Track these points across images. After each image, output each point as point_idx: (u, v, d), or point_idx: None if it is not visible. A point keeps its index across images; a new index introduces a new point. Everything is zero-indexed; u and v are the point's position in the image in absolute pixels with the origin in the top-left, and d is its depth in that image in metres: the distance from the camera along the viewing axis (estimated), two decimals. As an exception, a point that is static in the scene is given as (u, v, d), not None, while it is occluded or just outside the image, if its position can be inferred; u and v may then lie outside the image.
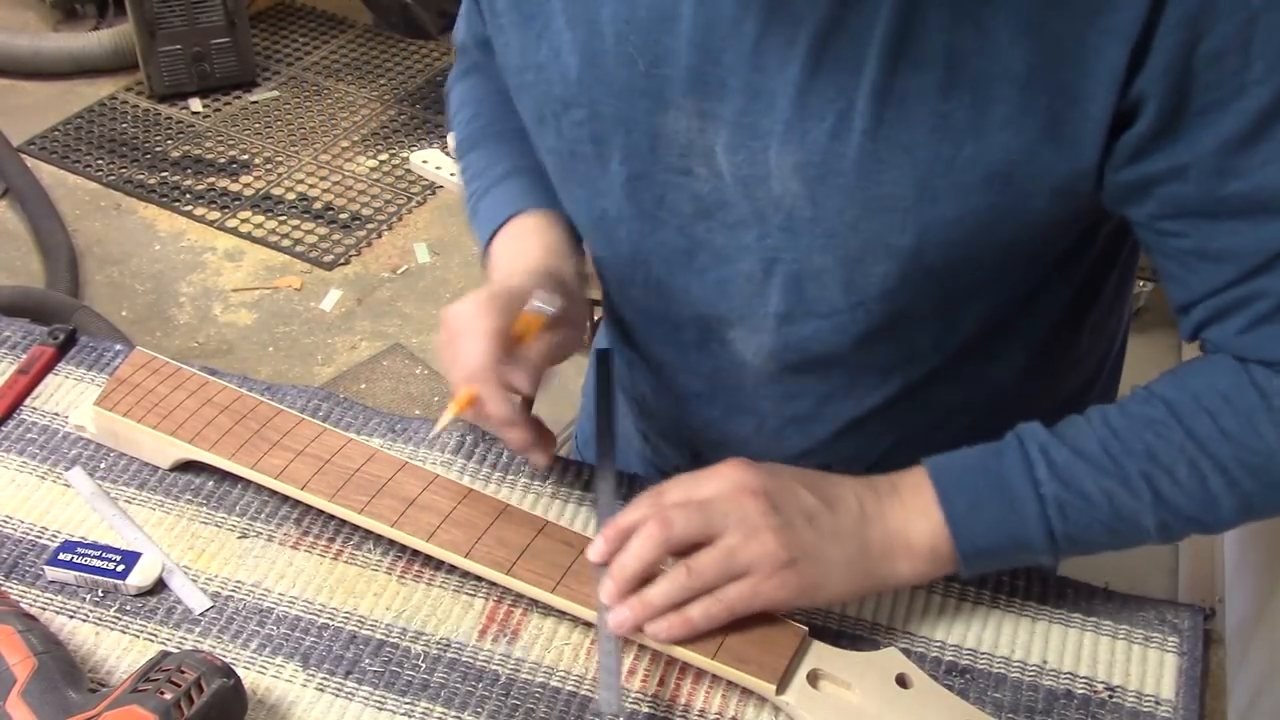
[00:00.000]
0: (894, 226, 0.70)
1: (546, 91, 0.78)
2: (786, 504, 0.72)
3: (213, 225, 2.61)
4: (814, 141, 0.69)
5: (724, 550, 0.71)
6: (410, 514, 0.78)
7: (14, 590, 0.78)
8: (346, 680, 0.73)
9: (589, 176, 0.79)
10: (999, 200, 0.68)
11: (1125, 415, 0.72)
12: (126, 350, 0.93)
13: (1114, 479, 0.70)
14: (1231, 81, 0.62)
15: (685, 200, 0.76)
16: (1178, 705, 0.73)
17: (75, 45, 2.96)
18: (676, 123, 0.73)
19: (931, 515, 0.72)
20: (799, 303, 0.77)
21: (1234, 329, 0.70)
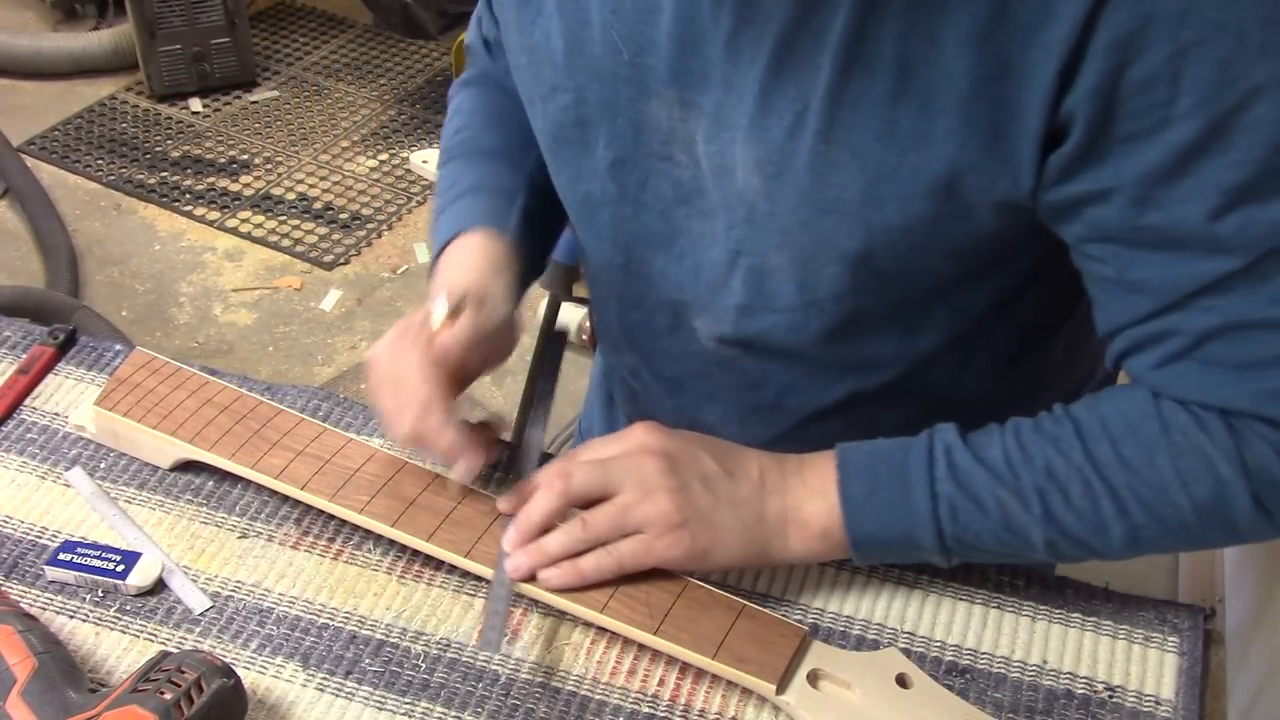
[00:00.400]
0: (842, 229, 0.71)
1: (537, 74, 0.79)
2: (686, 467, 0.75)
3: (213, 225, 2.61)
4: (772, 139, 0.70)
5: (619, 506, 0.74)
6: (410, 514, 0.78)
7: (14, 590, 0.78)
8: (346, 680, 0.73)
9: (574, 159, 0.81)
10: (943, 210, 0.68)
11: (1036, 430, 0.72)
12: (126, 350, 0.93)
13: (1008, 489, 0.71)
14: (1158, 112, 0.61)
15: (666, 186, 0.78)
16: (1178, 705, 0.73)
17: (75, 45, 2.96)
18: (659, 111, 0.75)
19: (828, 496, 0.74)
20: (757, 296, 0.78)
21: (1149, 362, 0.70)
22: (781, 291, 0.77)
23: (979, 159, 0.66)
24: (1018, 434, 0.72)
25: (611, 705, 0.73)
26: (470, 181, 0.91)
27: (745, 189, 0.73)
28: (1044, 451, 0.71)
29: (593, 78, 0.76)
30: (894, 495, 0.73)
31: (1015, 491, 0.71)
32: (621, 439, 0.77)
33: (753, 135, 0.70)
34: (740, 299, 0.79)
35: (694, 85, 0.72)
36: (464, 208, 0.88)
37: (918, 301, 0.77)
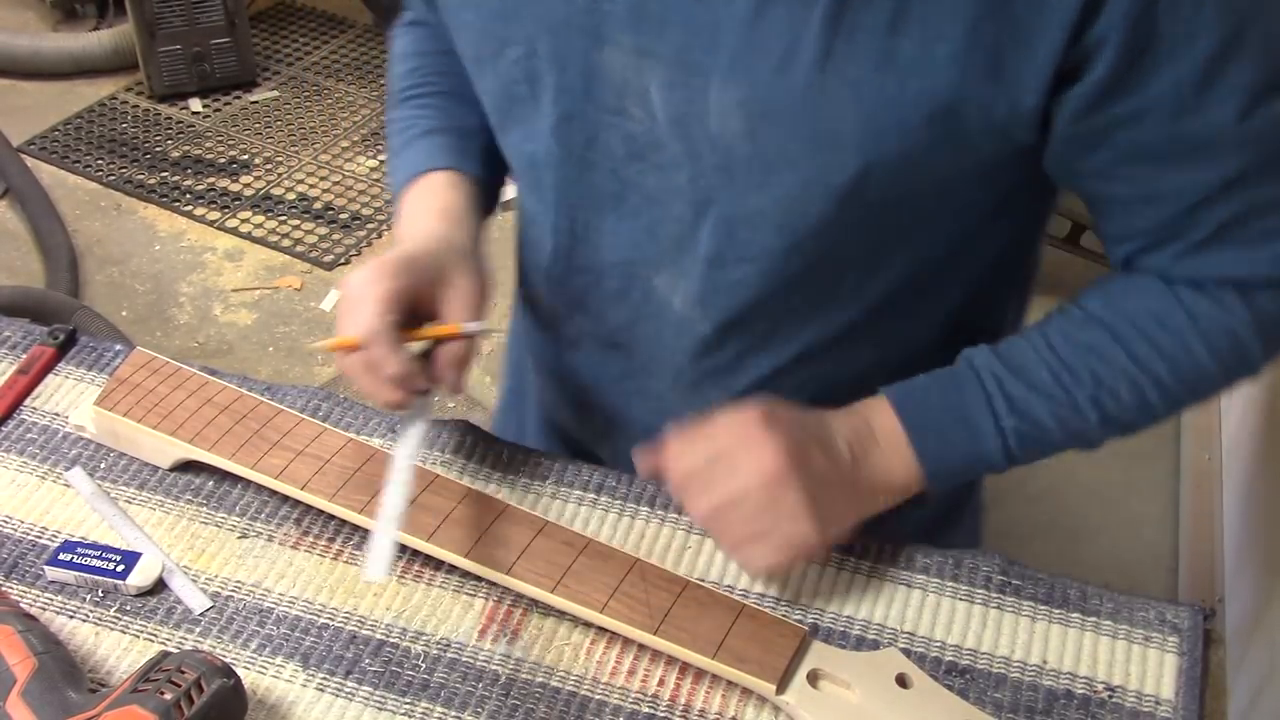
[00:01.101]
0: (835, 165, 0.71)
1: (484, 29, 0.78)
2: (806, 464, 0.75)
3: (213, 225, 2.61)
4: (759, 76, 0.69)
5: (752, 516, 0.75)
6: (410, 514, 0.78)
7: (14, 590, 0.78)
8: (346, 680, 0.73)
9: (523, 116, 0.80)
10: (940, 138, 0.69)
11: (1069, 342, 0.77)
12: (126, 350, 0.93)
13: (1066, 407, 0.76)
14: (1187, 26, 0.64)
15: (617, 141, 0.77)
16: (1178, 705, 0.73)
17: (75, 45, 2.96)
18: (613, 60, 0.73)
19: (906, 456, 0.78)
20: (729, 246, 0.77)
21: (1168, 255, 0.75)
22: (757, 239, 0.76)
23: (979, 85, 0.66)
24: (1053, 348, 0.77)
25: (611, 705, 0.73)
26: (431, 123, 0.91)
27: (720, 134, 0.72)
28: (1087, 362, 0.76)
29: (544, 28, 0.75)
30: (965, 439, 0.77)
31: (1072, 406, 0.76)
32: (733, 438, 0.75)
33: (734, 75, 0.69)
34: (709, 250, 0.78)
35: (651, 31, 0.71)
36: (425, 148, 0.89)
37: (889, 238, 0.77)
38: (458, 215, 0.85)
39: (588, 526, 0.83)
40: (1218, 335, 0.75)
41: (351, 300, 0.77)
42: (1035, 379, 0.76)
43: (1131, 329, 0.76)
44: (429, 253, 0.79)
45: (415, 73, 0.95)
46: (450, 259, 0.80)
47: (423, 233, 0.83)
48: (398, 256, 0.78)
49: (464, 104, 0.91)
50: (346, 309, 0.77)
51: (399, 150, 0.91)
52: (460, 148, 0.89)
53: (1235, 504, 1.81)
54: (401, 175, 0.89)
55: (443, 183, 0.86)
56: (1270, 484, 1.63)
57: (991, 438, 0.77)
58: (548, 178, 0.81)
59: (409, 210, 0.86)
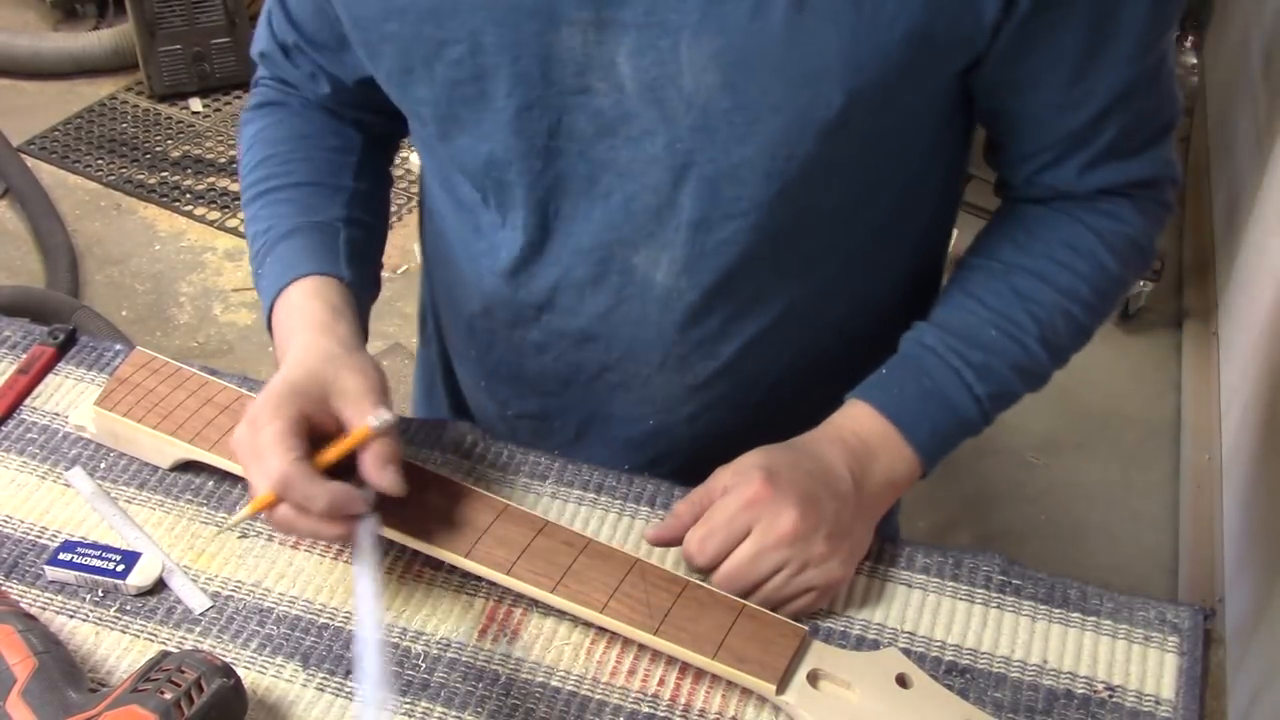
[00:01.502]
0: (821, 100, 0.71)
1: (414, 35, 0.75)
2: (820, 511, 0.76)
3: (213, 225, 2.61)
4: (734, 24, 0.69)
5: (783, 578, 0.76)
6: (410, 514, 0.77)
7: (14, 590, 0.78)
8: (347, 680, 0.73)
9: (473, 119, 0.77)
10: (917, 59, 0.71)
11: (999, 295, 0.81)
12: (126, 350, 0.93)
13: (1021, 355, 0.81)
14: None
15: (584, 121, 0.76)
16: (1178, 705, 0.73)
17: (75, 45, 2.96)
18: (571, 39, 0.72)
19: (904, 453, 0.80)
20: (714, 205, 0.77)
21: (1072, 170, 0.80)
22: (744, 192, 0.76)
23: (950, 7, 0.69)
24: (988, 306, 0.81)
25: (611, 705, 0.73)
26: (289, 222, 0.86)
27: (696, 91, 0.72)
28: (1025, 307, 0.81)
29: (488, 20, 0.72)
30: (949, 420, 0.81)
31: (1025, 353, 0.81)
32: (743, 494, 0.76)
33: (707, 27, 0.69)
34: (693, 215, 0.78)
35: (612, 1, 0.70)
36: (289, 252, 0.84)
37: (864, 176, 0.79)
38: (327, 323, 0.80)
39: (588, 526, 0.83)
40: (1122, 245, 0.82)
41: (249, 453, 0.72)
42: (987, 340, 0.80)
43: (1051, 264, 0.81)
44: (309, 371, 0.75)
45: (268, 163, 0.90)
46: (331, 369, 0.75)
47: (298, 353, 0.78)
48: (278, 389, 0.73)
49: (322, 195, 0.88)
50: (248, 463, 0.72)
51: (259, 259, 0.86)
52: (322, 248, 0.85)
53: (1235, 504, 1.81)
54: (268, 292, 0.84)
55: (309, 292, 0.82)
56: (1270, 484, 1.63)
57: (970, 407, 0.81)
58: (509, 175, 0.79)
59: (280, 332, 0.82)
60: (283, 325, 0.82)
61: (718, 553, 0.76)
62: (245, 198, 0.90)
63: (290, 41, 0.90)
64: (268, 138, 0.92)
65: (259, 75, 0.96)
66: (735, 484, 0.77)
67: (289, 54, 0.91)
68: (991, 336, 0.80)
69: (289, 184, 0.89)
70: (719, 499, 0.77)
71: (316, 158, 0.90)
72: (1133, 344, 2.35)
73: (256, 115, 0.94)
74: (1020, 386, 0.82)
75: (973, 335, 0.81)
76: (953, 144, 0.85)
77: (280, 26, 0.90)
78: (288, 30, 0.89)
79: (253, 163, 0.91)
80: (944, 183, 0.88)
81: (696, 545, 0.76)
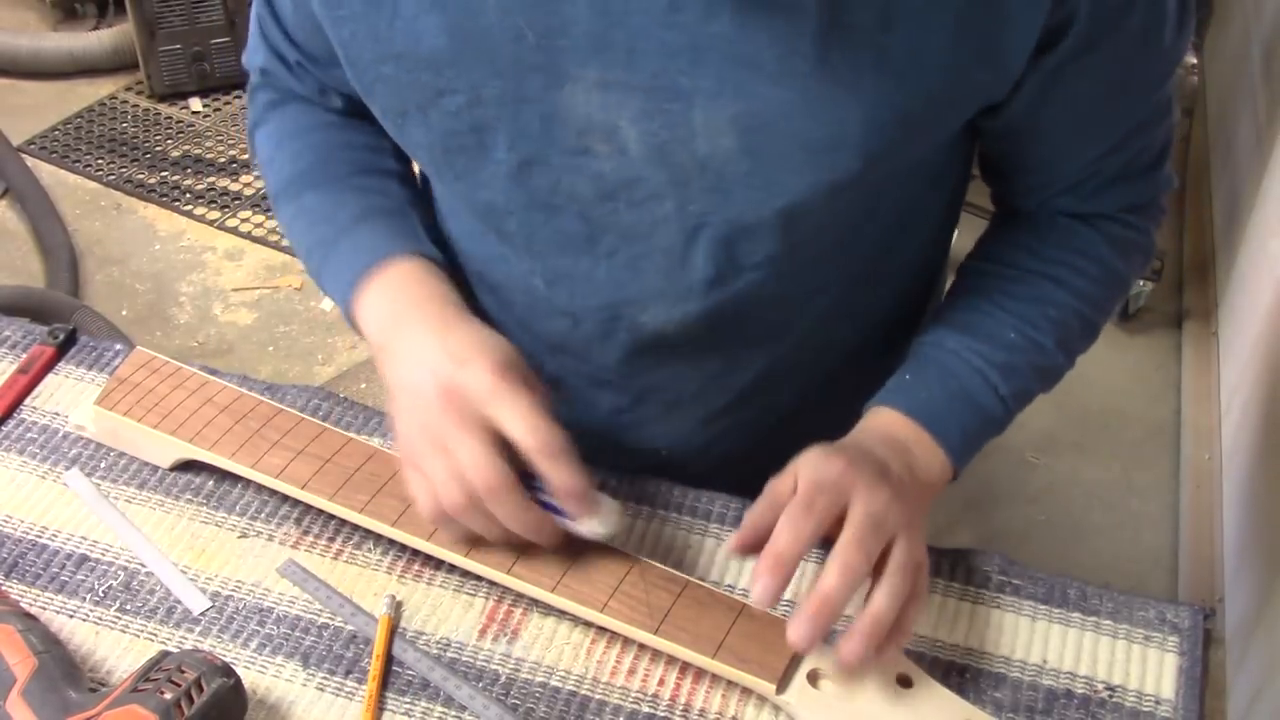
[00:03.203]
0: (840, 164, 0.71)
1: (411, 82, 0.72)
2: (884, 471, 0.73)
3: (213, 225, 2.61)
4: (754, 90, 0.68)
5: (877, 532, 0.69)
6: (410, 514, 0.77)
7: (14, 590, 0.78)
8: (346, 680, 0.73)
9: (469, 168, 0.75)
10: (935, 116, 0.72)
11: (1017, 300, 0.82)
12: (126, 350, 0.93)
13: (1040, 356, 0.82)
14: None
15: (583, 183, 0.74)
16: (1178, 705, 0.73)
17: (75, 45, 2.96)
18: (573, 98, 0.70)
19: (938, 454, 0.79)
20: (729, 262, 0.76)
21: (1081, 195, 0.82)
22: (759, 249, 0.76)
23: (972, 69, 0.69)
24: (1006, 310, 0.82)
25: (611, 705, 0.73)
26: (355, 207, 0.83)
27: (712, 154, 0.70)
28: (1043, 311, 0.82)
29: (491, 72, 0.70)
30: (978, 421, 0.81)
31: (1043, 354, 0.82)
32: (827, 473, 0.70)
33: (724, 92, 0.68)
34: (707, 273, 0.77)
35: (619, 62, 0.68)
36: (369, 235, 0.81)
37: (873, 214, 0.79)
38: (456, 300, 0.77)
39: (588, 526, 0.83)
40: (1128, 248, 0.84)
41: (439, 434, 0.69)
42: (1008, 342, 0.81)
43: (1064, 269, 0.82)
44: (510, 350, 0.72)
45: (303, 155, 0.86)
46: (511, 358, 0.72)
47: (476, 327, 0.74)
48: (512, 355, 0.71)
49: (374, 180, 0.85)
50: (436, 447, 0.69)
51: (328, 243, 0.82)
52: (406, 229, 0.82)
53: (1235, 504, 1.81)
54: (348, 267, 0.80)
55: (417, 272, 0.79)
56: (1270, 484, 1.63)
57: (997, 407, 0.81)
58: (510, 224, 0.78)
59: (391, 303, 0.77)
60: (405, 291, 0.78)
61: (826, 511, 0.69)
62: (285, 194, 0.87)
63: (292, 59, 0.87)
64: (293, 130, 0.88)
65: (257, 83, 0.91)
66: (810, 473, 0.71)
67: (292, 70, 0.88)
68: (1012, 339, 0.81)
69: (340, 174, 0.86)
70: (804, 482, 0.71)
71: (356, 142, 0.87)
72: (1133, 344, 2.35)
73: (270, 116, 0.90)
74: (1039, 386, 0.83)
75: (995, 337, 0.81)
76: (958, 164, 0.86)
77: (278, 43, 0.86)
78: (288, 47, 0.86)
79: (287, 155, 0.87)
80: (948, 195, 0.88)
81: (790, 529, 0.68)
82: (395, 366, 0.75)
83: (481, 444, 0.69)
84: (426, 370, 0.72)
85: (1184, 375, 2.25)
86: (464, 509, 0.70)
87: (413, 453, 0.72)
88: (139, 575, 0.79)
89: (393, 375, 0.75)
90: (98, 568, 0.79)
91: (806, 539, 0.69)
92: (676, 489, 0.84)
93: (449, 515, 0.71)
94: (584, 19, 0.67)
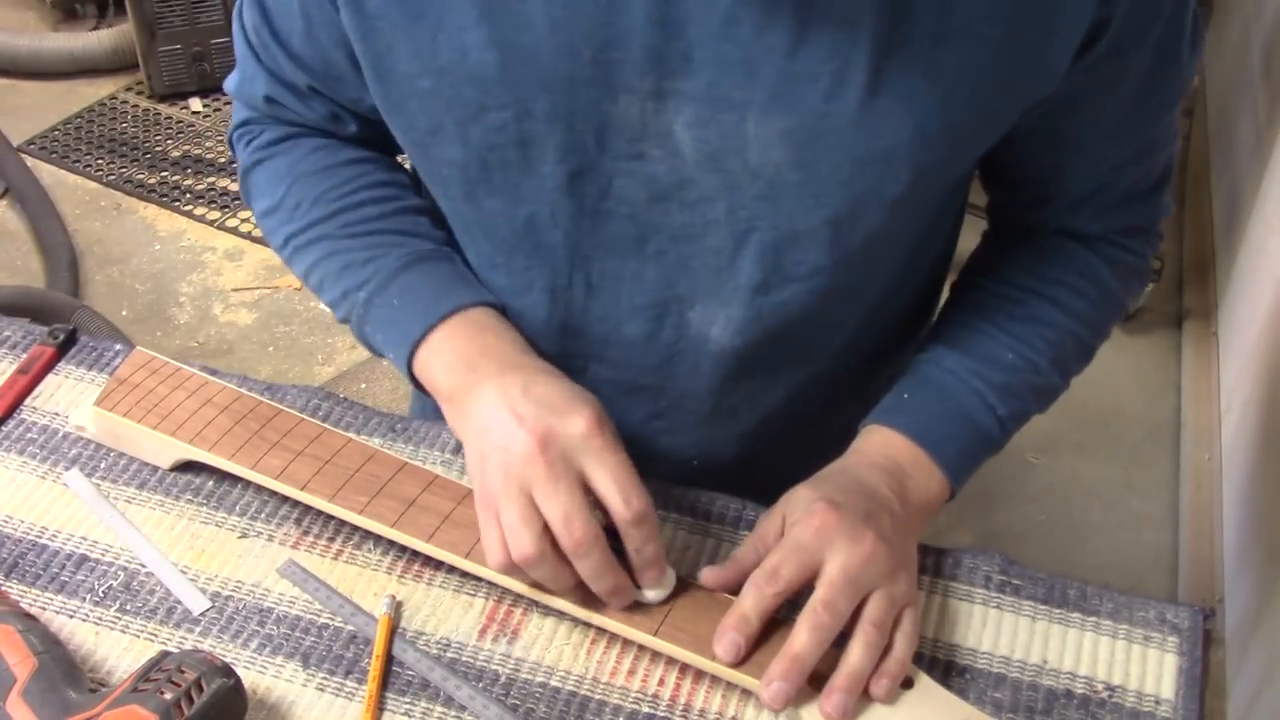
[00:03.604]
0: (889, 177, 0.71)
1: (453, 97, 0.71)
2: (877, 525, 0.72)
3: (213, 225, 2.61)
4: (807, 105, 0.68)
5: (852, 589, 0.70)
6: (410, 514, 0.78)
7: (14, 590, 0.78)
8: (346, 680, 0.73)
9: (509, 183, 0.75)
10: (983, 129, 0.72)
11: (1015, 319, 0.82)
12: (126, 350, 0.93)
13: (1036, 377, 0.82)
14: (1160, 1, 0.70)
15: (636, 187, 0.74)
16: (1178, 705, 0.73)
17: (75, 45, 2.96)
18: (628, 108, 0.70)
19: (936, 474, 0.79)
20: (775, 270, 0.77)
21: (1085, 214, 0.83)
22: (807, 258, 0.76)
23: (1020, 79, 0.69)
24: (1004, 329, 0.82)
25: (611, 705, 0.73)
26: (401, 251, 0.81)
27: (763, 165, 0.71)
28: (1042, 333, 0.82)
29: (540, 88, 0.70)
30: (974, 440, 0.81)
31: (1038, 373, 0.82)
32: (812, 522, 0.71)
33: (777, 106, 0.68)
34: (753, 278, 0.77)
35: (675, 71, 0.68)
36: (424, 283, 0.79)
37: (912, 230, 0.80)
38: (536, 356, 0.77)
39: (588, 526, 0.82)
40: (1126, 273, 0.85)
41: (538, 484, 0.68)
42: (1006, 363, 0.81)
43: (1063, 290, 0.83)
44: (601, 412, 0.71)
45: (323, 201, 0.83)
46: None
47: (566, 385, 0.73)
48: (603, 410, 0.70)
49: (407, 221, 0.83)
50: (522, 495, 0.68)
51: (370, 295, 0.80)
52: (460, 277, 0.80)
53: (1235, 504, 1.81)
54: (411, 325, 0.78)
55: (494, 319, 0.78)
56: (1270, 484, 1.63)
57: (994, 427, 0.81)
58: (554, 236, 0.77)
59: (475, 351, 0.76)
60: (476, 340, 0.76)
61: (793, 577, 0.70)
62: (309, 234, 0.83)
63: (303, 84, 0.83)
64: (307, 171, 0.84)
65: (254, 117, 0.88)
66: (797, 518, 0.72)
67: (302, 96, 0.84)
68: (1010, 360, 0.81)
69: (371, 215, 0.83)
70: (786, 533, 0.73)
71: (380, 179, 0.84)
72: (1133, 344, 2.35)
73: (275, 152, 0.86)
74: (1035, 406, 0.83)
75: (993, 358, 0.81)
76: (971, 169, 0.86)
77: (283, 68, 0.83)
78: (295, 72, 0.82)
79: (306, 195, 0.84)
80: (960, 203, 0.89)
81: (767, 574, 0.70)
82: (476, 414, 0.73)
83: (573, 495, 0.68)
84: (516, 418, 0.70)
85: (1184, 375, 2.25)
86: (538, 559, 0.69)
87: (493, 497, 0.70)
88: (139, 575, 0.79)
89: (474, 423, 0.73)
90: (98, 568, 0.79)
91: (770, 605, 0.70)
92: (675, 488, 0.84)
93: (518, 565, 0.70)
94: (640, 32, 0.67)
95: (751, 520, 0.82)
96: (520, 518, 0.68)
